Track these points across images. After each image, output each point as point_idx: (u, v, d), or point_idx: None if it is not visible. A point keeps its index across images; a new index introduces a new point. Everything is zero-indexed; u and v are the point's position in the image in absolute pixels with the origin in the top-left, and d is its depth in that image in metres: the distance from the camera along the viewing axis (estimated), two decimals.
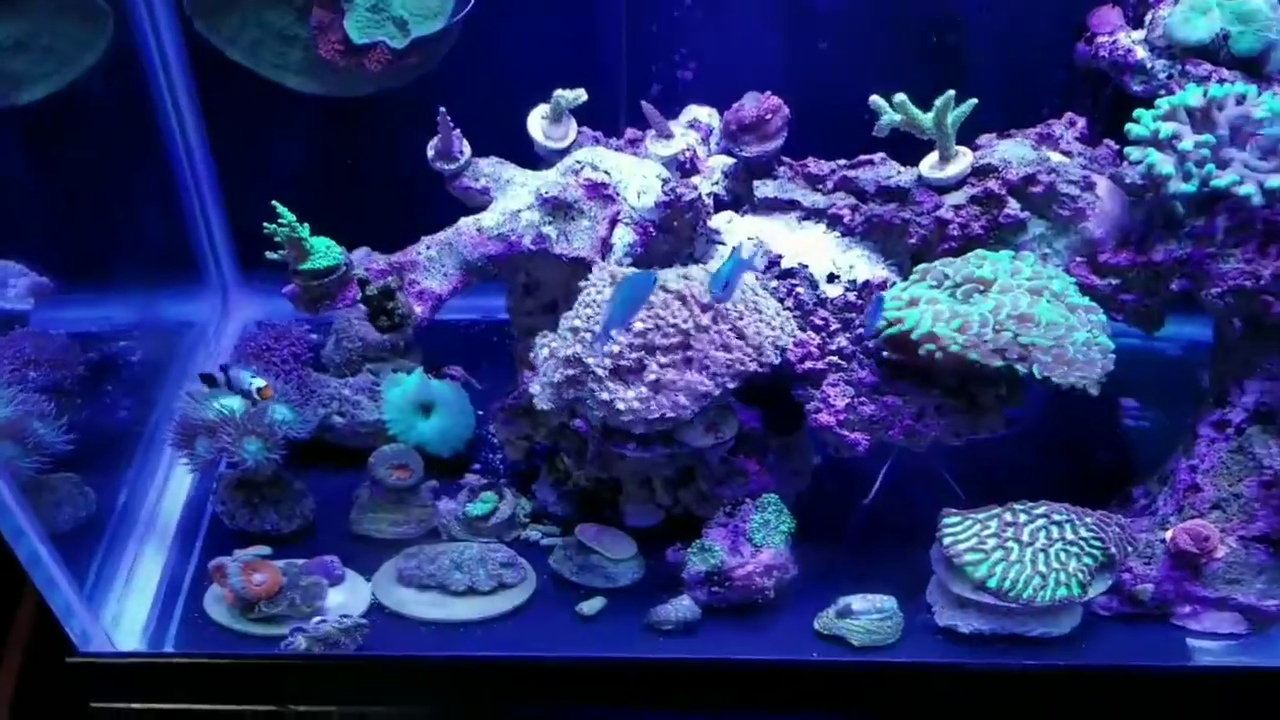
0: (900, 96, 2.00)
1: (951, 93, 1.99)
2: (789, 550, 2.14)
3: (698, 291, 1.94)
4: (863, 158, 2.17)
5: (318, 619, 2.05)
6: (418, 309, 1.99)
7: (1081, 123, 2.18)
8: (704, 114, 2.24)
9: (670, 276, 1.96)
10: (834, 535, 2.27)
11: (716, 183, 2.18)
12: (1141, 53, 2.19)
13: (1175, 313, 2.20)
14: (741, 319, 1.93)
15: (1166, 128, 1.97)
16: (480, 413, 2.41)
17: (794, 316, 2.05)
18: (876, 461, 2.26)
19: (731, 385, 1.94)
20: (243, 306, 2.70)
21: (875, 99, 2.02)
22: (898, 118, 2.01)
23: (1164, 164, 1.97)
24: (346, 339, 2.29)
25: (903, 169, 2.14)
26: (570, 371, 1.94)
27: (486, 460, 2.40)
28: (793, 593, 2.17)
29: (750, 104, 2.12)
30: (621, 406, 1.91)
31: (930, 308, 1.95)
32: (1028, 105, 2.22)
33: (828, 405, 2.04)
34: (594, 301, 1.93)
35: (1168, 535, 2.14)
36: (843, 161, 2.16)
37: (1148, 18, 2.20)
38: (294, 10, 2.29)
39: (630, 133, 2.21)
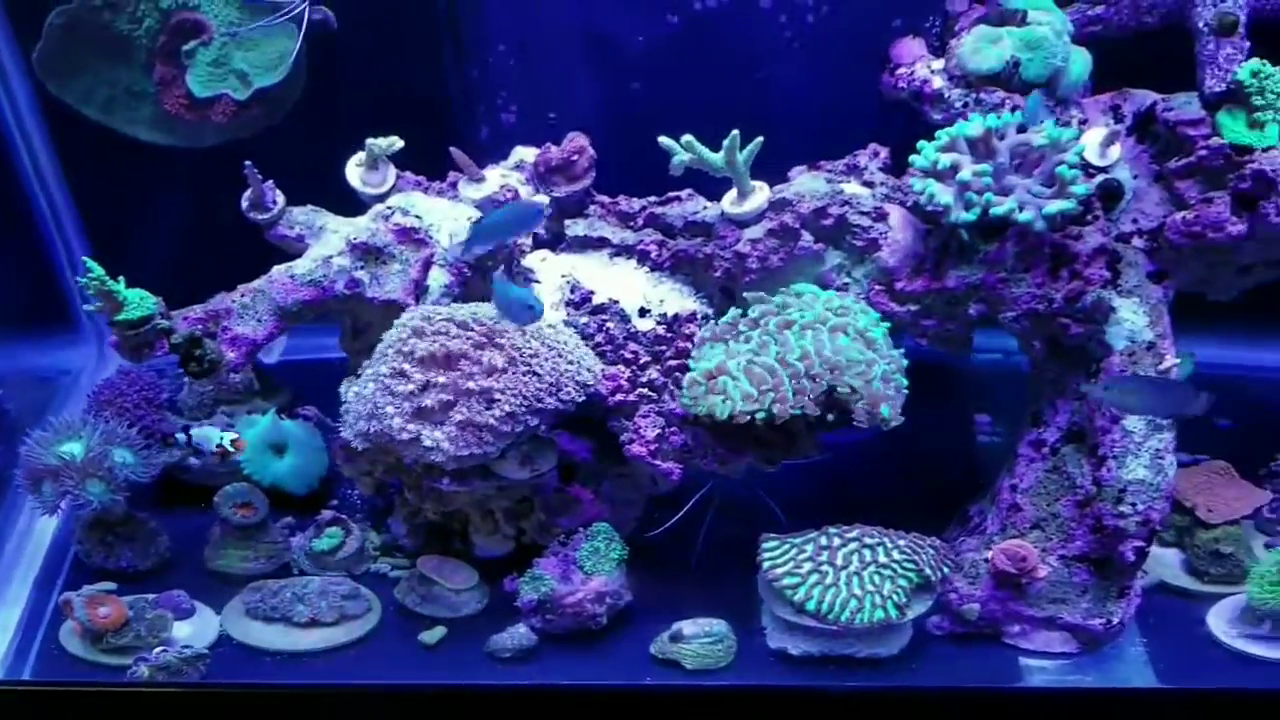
0: (687, 137, 2.07)
1: (736, 133, 2.06)
2: (622, 577, 2.20)
3: (495, 331, 2.02)
4: (671, 194, 2.24)
5: (160, 649, 2.13)
6: (230, 354, 2.08)
7: (884, 153, 2.24)
8: (530, 155, 2.31)
9: (466, 315, 2.04)
10: (676, 560, 2.33)
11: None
12: (939, 82, 2.25)
13: None
14: (538, 357, 2.01)
15: (945, 158, 2.03)
16: None
17: (606, 351, 2.12)
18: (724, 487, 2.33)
19: (534, 422, 2.01)
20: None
21: (664, 140, 2.09)
22: (688, 157, 2.07)
23: (943, 194, 2.03)
24: (198, 383, 2.37)
25: (709, 204, 2.21)
26: (375, 425, 2.03)
27: (345, 496, 2.48)
28: (633, 618, 2.23)
29: (557, 147, 2.19)
30: (429, 444, 1.99)
31: (736, 385, 2.02)
32: (843, 136, 2.28)
33: (639, 436, 2.11)
34: (391, 351, 2.02)
35: (990, 555, 2.19)
36: (653, 199, 2.23)
37: (948, 47, 2.27)
38: (140, 67, 2.40)
39: (453, 176, 2.29)
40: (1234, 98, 2.14)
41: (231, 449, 2.25)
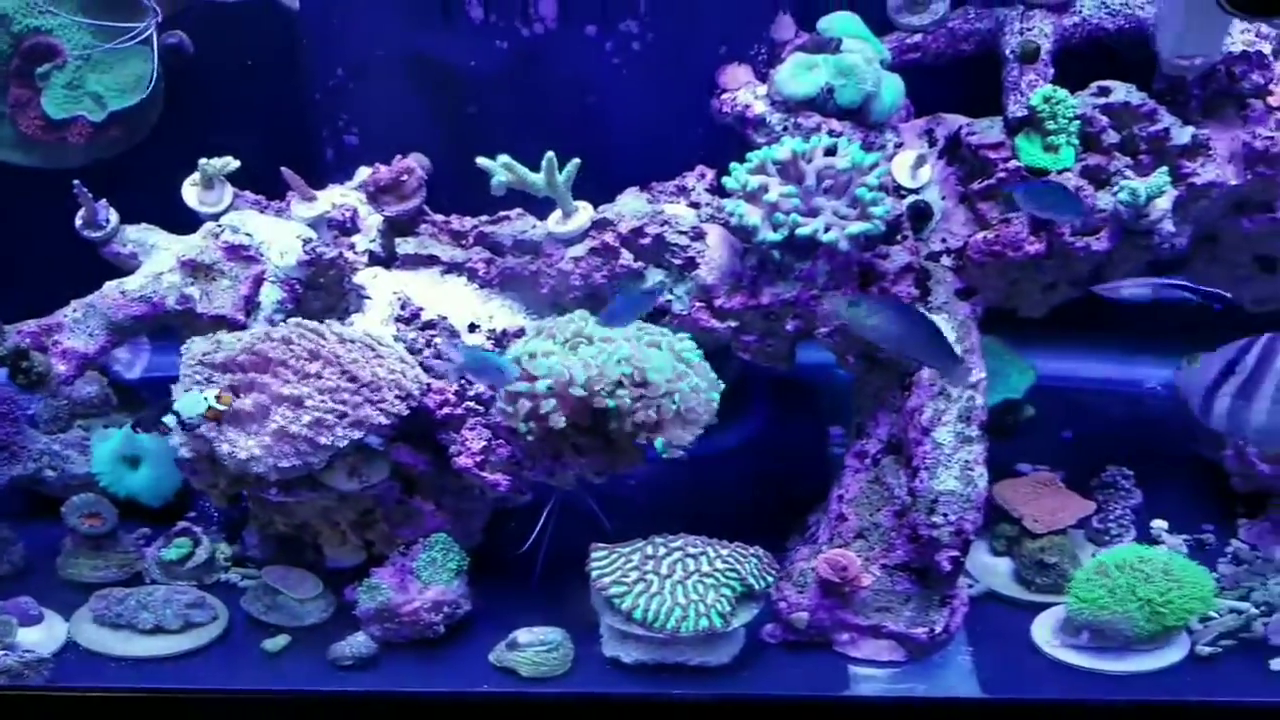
0: (504, 158, 2.15)
1: (551, 154, 2.14)
2: (462, 586, 2.25)
3: (317, 344, 2.09)
4: (502, 214, 2.31)
5: (2, 653, 2.18)
6: (61, 367, 2.15)
7: (711, 175, 2.32)
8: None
9: (288, 326, 2.13)
10: (520, 570, 2.39)
11: (373, 240, 2.34)
12: (761, 107, 2.32)
13: None
14: (358, 364, 2.08)
15: (754, 181, 2.11)
16: None
17: (434, 365, 2.18)
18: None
19: (357, 434, 2.08)
20: None
21: (482, 161, 2.16)
22: (507, 177, 2.15)
23: (751, 215, 2.11)
24: (53, 397, 2.44)
25: (538, 224, 2.28)
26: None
27: (203, 508, 2.53)
28: (474, 627, 2.29)
29: (386, 167, 2.28)
30: (244, 456, 2.05)
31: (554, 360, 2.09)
32: (678, 158, 2.37)
33: (466, 449, 2.18)
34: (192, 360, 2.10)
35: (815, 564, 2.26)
36: (484, 218, 2.31)
37: (770, 74, 2.35)
38: None
39: (291, 195, 2.36)
40: (1031, 122, 2.23)
41: (220, 405, 2.20)
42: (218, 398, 2.13)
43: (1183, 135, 2.25)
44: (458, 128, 2.48)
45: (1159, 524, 2.51)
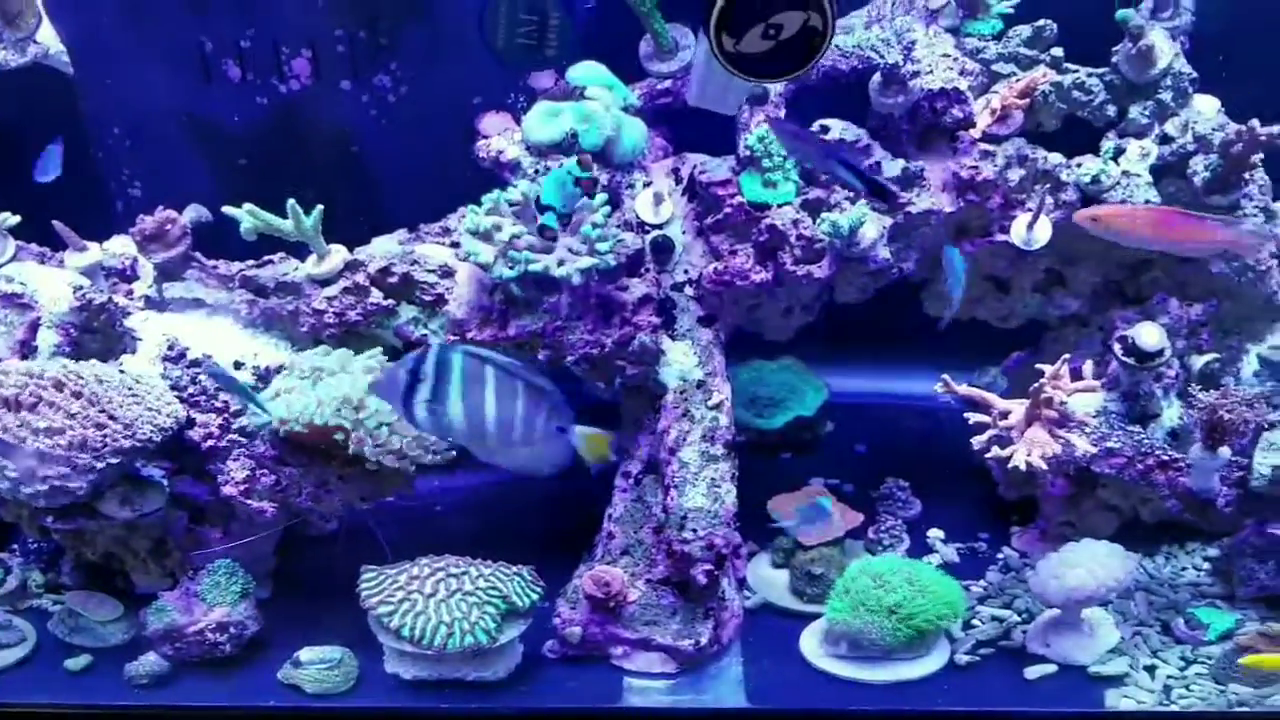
0: (249, 206, 2.27)
1: (293, 201, 2.27)
2: (249, 608, 2.36)
3: (74, 380, 2.22)
4: (266, 258, 2.44)
5: None
6: None
7: None
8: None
9: (53, 366, 2.25)
10: (319, 591, 2.49)
11: (151, 286, 2.47)
12: (515, 152, 2.44)
13: None
14: (112, 402, 2.20)
15: (486, 221, 2.23)
16: None
17: (199, 400, 2.31)
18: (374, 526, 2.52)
19: (114, 461, 2.20)
20: None
21: (228, 209, 2.30)
22: (254, 223, 2.28)
23: (484, 254, 2.22)
24: None
25: (300, 265, 2.41)
26: None
27: (25, 539, 2.66)
28: (268, 646, 2.39)
29: (151, 217, 2.42)
30: (4, 485, 2.18)
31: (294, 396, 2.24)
32: (450, 201, 2.49)
33: (230, 479, 2.30)
34: None
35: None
36: (251, 262, 2.44)
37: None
38: None
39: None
40: (752, 160, 2.34)
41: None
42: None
43: (893, 168, 2.37)
44: (232, 179, 2.62)
45: (935, 533, 2.61)
